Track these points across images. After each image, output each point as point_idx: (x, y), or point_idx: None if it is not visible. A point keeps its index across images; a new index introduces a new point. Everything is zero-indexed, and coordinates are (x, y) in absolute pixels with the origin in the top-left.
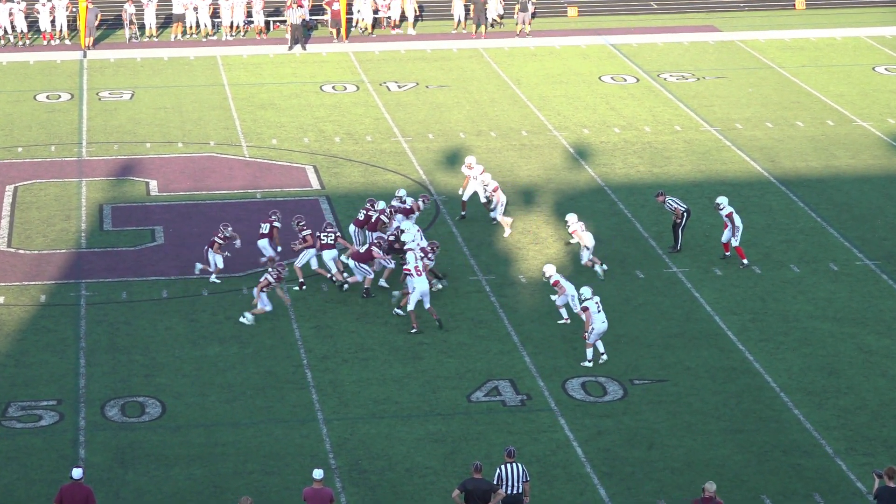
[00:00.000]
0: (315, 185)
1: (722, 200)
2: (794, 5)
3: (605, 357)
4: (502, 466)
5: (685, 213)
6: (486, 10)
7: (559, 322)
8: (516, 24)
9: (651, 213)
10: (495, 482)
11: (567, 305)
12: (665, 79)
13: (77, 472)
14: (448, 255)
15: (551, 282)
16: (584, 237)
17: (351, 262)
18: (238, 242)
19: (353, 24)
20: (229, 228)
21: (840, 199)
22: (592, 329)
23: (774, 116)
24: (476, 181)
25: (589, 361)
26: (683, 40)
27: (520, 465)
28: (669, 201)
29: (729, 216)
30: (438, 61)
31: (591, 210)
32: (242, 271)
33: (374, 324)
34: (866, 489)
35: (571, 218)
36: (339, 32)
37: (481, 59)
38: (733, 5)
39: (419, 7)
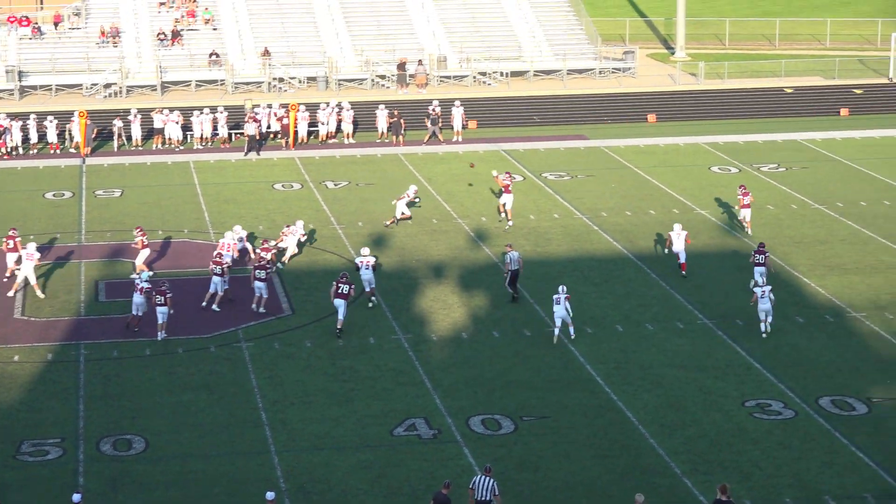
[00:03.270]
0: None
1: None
2: (646, 119)
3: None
4: (478, 477)
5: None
6: (401, 124)
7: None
8: (428, 135)
9: (535, 284)
10: (469, 486)
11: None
12: (546, 177)
13: (77, 497)
14: (374, 319)
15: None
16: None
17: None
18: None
19: (313, 135)
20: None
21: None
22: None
23: (632, 206)
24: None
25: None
26: (560, 146)
27: (493, 481)
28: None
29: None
30: (366, 164)
31: (487, 283)
32: (209, 332)
33: (315, 374)
34: (707, 502)
35: None
36: (287, 142)
37: (400, 163)
38: (599, 119)
39: (354, 123)
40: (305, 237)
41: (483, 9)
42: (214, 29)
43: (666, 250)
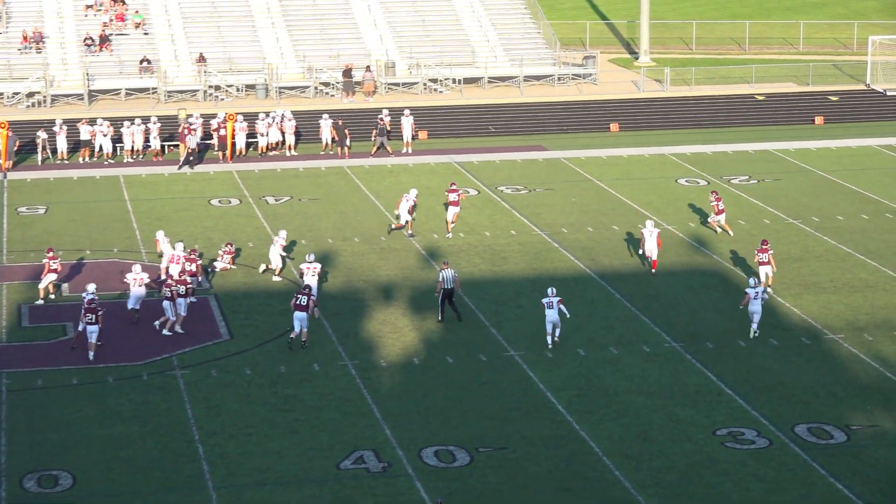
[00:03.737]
0: (204, 285)
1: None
2: (608, 128)
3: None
4: None
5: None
6: (346, 134)
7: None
8: (376, 146)
9: (490, 306)
10: None
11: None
12: (502, 191)
13: None
14: (319, 344)
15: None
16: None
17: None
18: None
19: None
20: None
21: (650, 291)
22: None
23: (594, 221)
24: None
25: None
26: (517, 158)
27: None
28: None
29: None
30: (309, 178)
31: (436, 303)
32: (142, 360)
33: (256, 403)
34: None
35: None
36: (224, 154)
37: (346, 176)
38: (558, 129)
39: (296, 133)
40: (285, 252)
41: (434, 12)
42: (145, 33)
43: (640, 250)
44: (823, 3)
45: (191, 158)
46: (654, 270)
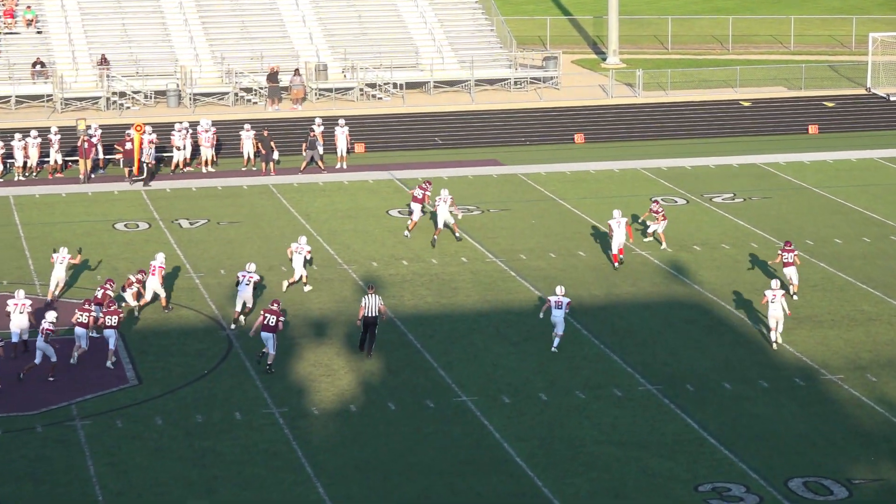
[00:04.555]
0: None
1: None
2: (573, 139)
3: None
4: None
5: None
6: (272, 147)
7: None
8: (305, 161)
9: (439, 344)
10: None
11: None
12: (451, 212)
13: None
14: (240, 389)
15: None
16: None
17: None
18: None
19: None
20: None
21: (622, 326)
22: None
23: (557, 247)
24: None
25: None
26: (468, 174)
27: None
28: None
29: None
30: (229, 198)
31: (380, 340)
32: (34, 409)
33: (168, 458)
34: None
35: None
36: (131, 172)
37: (272, 195)
38: (515, 141)
39: (215, 146)
40: (311, 254)
41: (371, 6)
42: (39, 32)
43: (610, 239)
44: None
45: (151, 173)
46: (616, 265)
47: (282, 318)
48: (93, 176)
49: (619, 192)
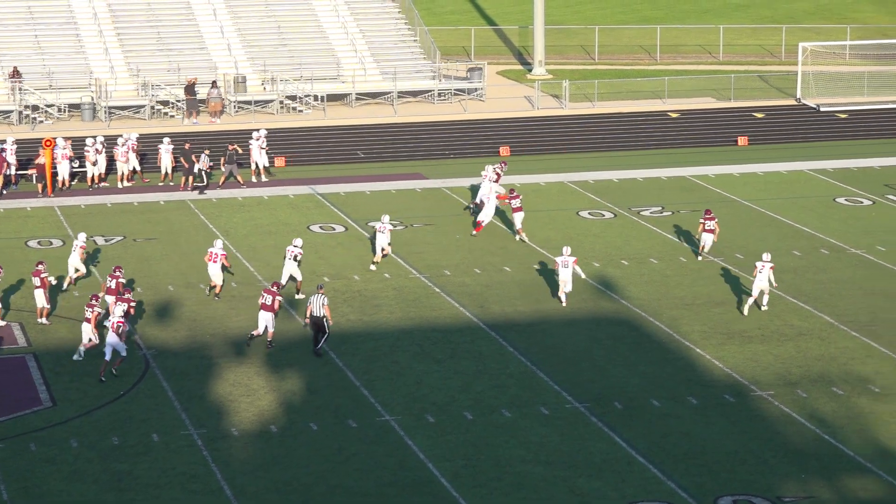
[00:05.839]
0: (22, 342)
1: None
2: (498, 152)
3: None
4: None
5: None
6: (194, 161)
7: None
8: (224, 176)
9: (362, 363)
10: None
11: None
12: (374, 226)
13: None
14: (157, 409)
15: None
16: None
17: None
18: None
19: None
20: None
21: (549, 343)
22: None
23: (482, 262)
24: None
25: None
26: (391, 188)
27: None
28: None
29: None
30: (146, 213)
31: (302, 361)
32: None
33: (84, 482)
34: None
35: None
36: (44, 187)
37: (189, 211)
38: (440, 153)
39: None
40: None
41: (291, 17)
42: None
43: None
44: (747, 5)
45: (202, 183)
46: (474, 233)
47: (279, 298)
48: (4, 192)
49: (546, 205)
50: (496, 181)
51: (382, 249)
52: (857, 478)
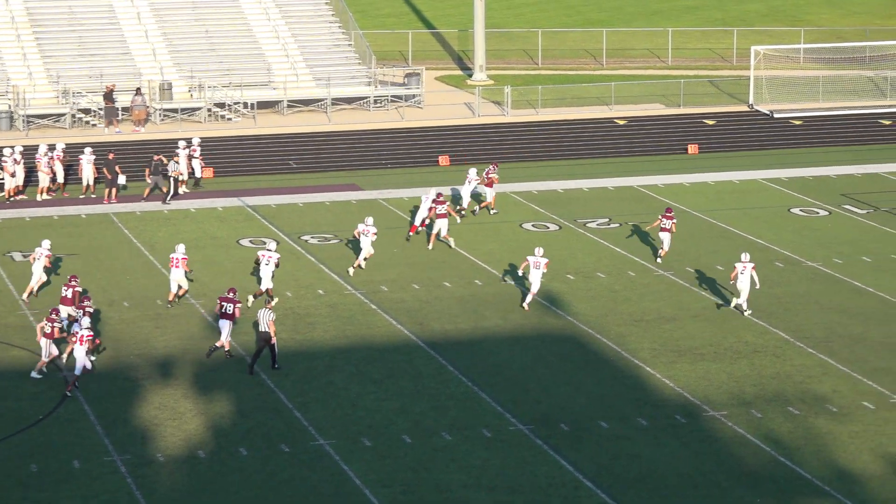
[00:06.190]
0: None
1: None
2: (437, 162)
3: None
4: None
5: None
6: (118, 172)
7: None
8: (149, 188)
9: (295, 384)
10: None
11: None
12: (306, 240)
13: None
14: (78, 434)
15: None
16: None
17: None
18: None
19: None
20: None
21: (491, 362)
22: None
23: (421, 277)
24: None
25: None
26: (325, 200)
27: None
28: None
29: None
30: (66, 227)
31: (231, 382)
32: None
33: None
34: None
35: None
36: None
37: (112, 225)
38: (376, 163)
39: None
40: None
41: (219, 20)
42: None
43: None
44: (696, 7)
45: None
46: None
47: (238, 305)
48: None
49: (488, 217)
50: (489, 185)
51: (365, 259)
52: (814, 501)
